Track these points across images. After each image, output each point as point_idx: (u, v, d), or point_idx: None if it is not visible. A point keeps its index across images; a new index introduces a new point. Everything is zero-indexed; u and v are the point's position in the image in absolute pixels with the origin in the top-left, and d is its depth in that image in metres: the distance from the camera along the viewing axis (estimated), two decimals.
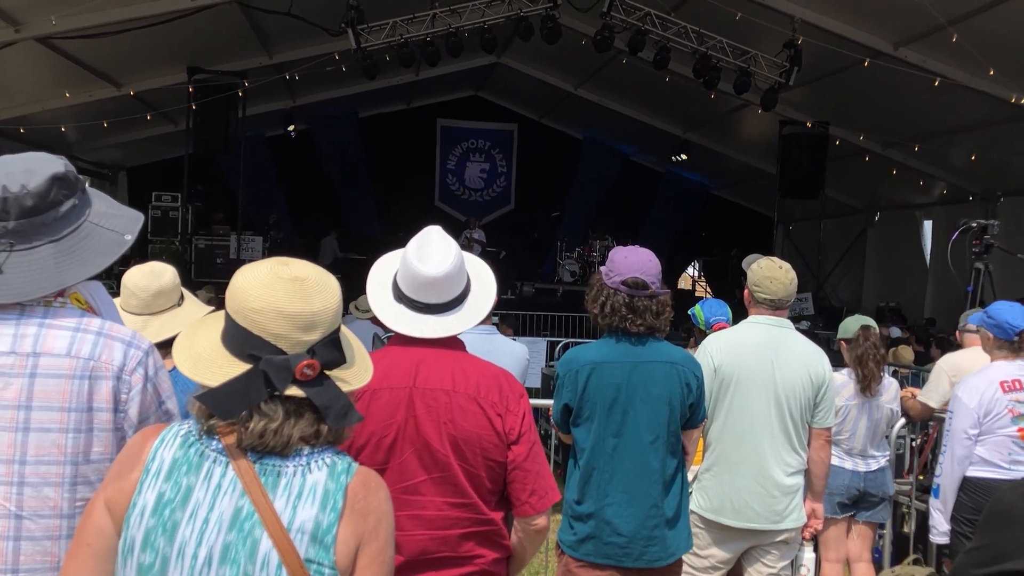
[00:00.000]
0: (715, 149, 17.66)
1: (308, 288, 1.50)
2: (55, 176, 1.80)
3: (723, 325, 4.79)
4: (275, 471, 1.47)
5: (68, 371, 1.77)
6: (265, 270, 1.52)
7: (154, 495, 1.46)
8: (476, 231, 17.05)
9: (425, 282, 2.29)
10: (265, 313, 1.47)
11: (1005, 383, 3.99)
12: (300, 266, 1.55)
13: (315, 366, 1.47)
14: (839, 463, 4.57)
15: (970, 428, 3.99)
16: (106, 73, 11.97)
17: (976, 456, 4.02)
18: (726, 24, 11.03)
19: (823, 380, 3.60)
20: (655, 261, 3.15)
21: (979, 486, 3.99)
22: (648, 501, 3.06)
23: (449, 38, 11.57)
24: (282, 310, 1.48)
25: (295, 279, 1.51)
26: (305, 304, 1.49)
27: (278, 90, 14.85)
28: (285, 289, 1.49)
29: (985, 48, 9.24)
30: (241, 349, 1.49)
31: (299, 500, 1.46)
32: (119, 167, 17.03)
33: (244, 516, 1.44)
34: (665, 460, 3.09)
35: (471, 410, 2.24)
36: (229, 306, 1.52)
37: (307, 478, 1.48)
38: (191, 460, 1.48)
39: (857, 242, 17.57)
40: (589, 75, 15.93)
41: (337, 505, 1.47)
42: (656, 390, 3.07)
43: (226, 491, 1.46)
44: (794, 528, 3.62)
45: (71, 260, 1.80)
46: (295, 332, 1.48)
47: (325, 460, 1.51)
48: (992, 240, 5.19)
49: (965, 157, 12.21)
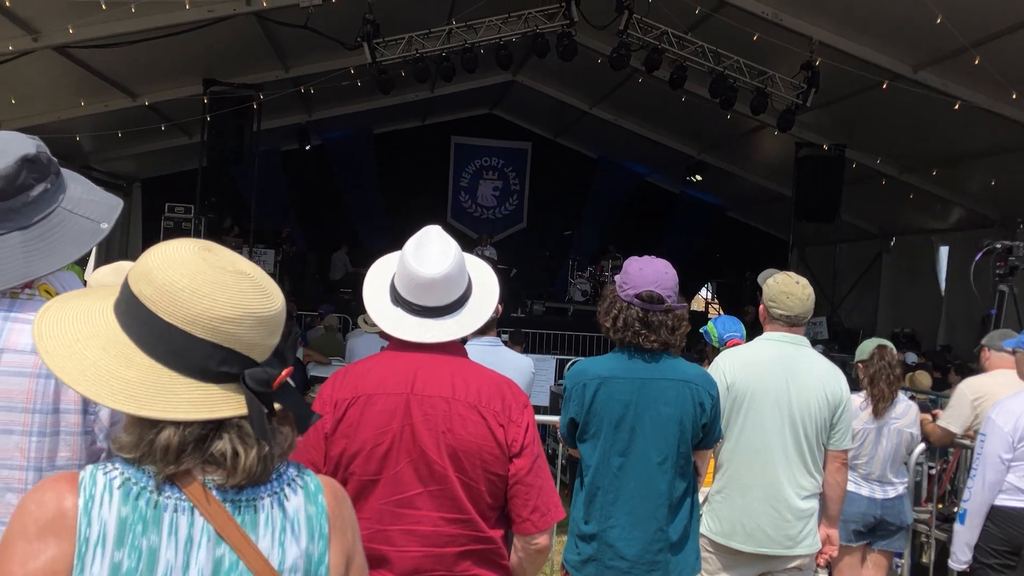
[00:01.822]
0: (730, 170, 17.57)
1: (260, 283, 1.27)
2: (25, 158, 1.68)
3: (737, 341, 4.68)
4: (251, 507, 1.25)
5: (33, 369, 1.64)
6: (201, 263, 1.24)
7: (106, 568, 1.16)
8: (488, 249, 17.01)
9: (423, 284, 2.18)
10: (241, 322, 1.22)
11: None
12: (226, 253, 1.29)
13: (291, 371, 1.27)
14: (855, 489, 4.45)
15: (1004, 452, 3.82)
16: (122, 83, 12.01)
17: (1008, 484, 3.85)
18: (743, 44, 10.97)
19: (840, 400, 3.48)
20: (672, 273, 3.03)
21: (1011, 517, 3.82)
22: (653, 525, 2.94)
23: (465, 54, 11.57)
24: (258, 315, 1.24)
25: (244, 273, 1.26)
26: (270, 303, 1.26)
27: (293, 104, 14.89)
28: (249, 288, 1.25)
29: (1007, 72, 9.14)
30: (201, 366, 1.21)
31: (285, 535, 1.26)
32: (133, 178, 17.09)
33: (227, 567, 1.22)
34: (673, 482, 2.97)
35: (471, 419, 2.12)
36: (169, 313, 1.21)
37: (286, 507, 1.28)
38: (145, 516, 1.20)
39: (872, 267, 17.42)
40: (604, 94, 15.91)
41: (324, 531, 1.30)
42: (667, 409, 2.95)
43: (199, 543, 1.21)
44: (808, 554, 3.49)
45: (40, 249, 1.67)
46: (267, 338, 1.26)
47: (297, 481, 1.31)
48: (1017, 262, 5.07)
49: (984, 182, 12.08)
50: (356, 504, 2.07)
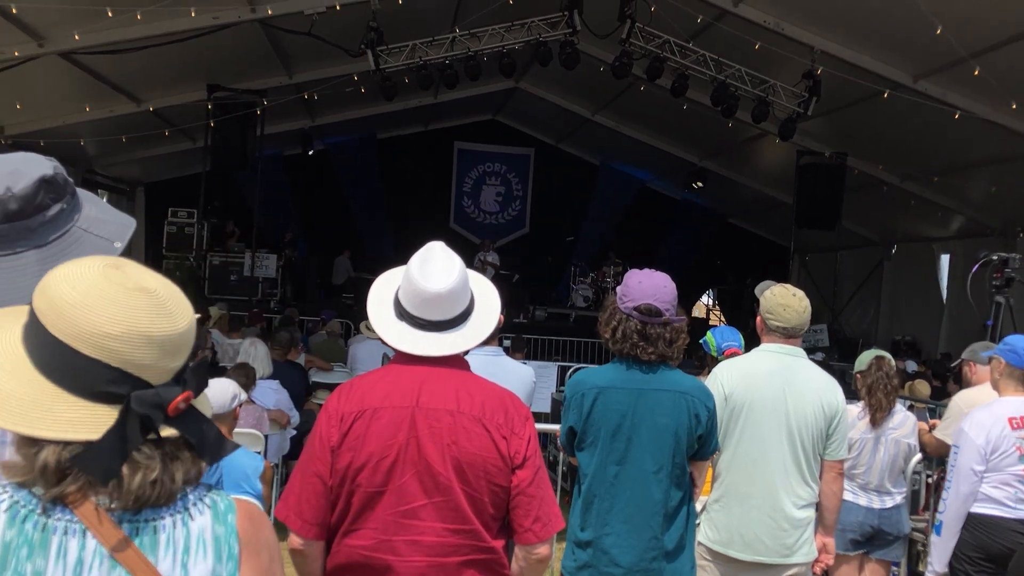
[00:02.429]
0: (732, 178, 17.62)
1: (165, 303, 1.20)
2: (43, 179, 1.73)
3: (735, 351, 4.72)
4: (150, 527, 1.19)
5: None
6: (101, 279, 1.18)
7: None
8: (490, 254, 17.06)
9: (428, 298, 2.23)
10: (127, 340, 1.15)
11: (1013, 420, 3.86)
12: (137, 270, 1.22)
13: (189, 398, 1.19)
14: (853, 499, 4.48)
15: (976, 464, 3.86)
16: (127, 89, 12.08)
17: (981, 493, 3.89)
18: (745, 53, 11.03)
19: (836, 411, 3.52)
20: (671, 286, 3.08)
21: (983, 523, 3.87)
22: (648, 533, 2.98)
23: (468, 61, 11.62)
24: (150, 335, 1.16)
25: (145, 290, 1.19)
26: (170, 324, 1.19)
27: (297, 109, 14.95)
28: (145, 306, 1.17)
29: (1006, 82, 9.19)
30: (88, 385, 1.15)
31: (188, 556, 1.20)
32: (137, 183, 17.16)
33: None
34: (669, 491, 3.01)
35: (475, 432, 2.17)
36: (60, 329, 1.16)
37: (191, 527, 1.21)
38: (31, 539, 1.14)
39: (873, 274, 17.45)
40: (607, 102, 15.96)
41: (233, 551, 1.24)
42: (663, 419, 2.99)
43: (91, 566, 1.15)
44: (804, 563, 3.53)
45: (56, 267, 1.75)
46: (164, 359, 1.18)
47: (204, 501, 1.25)
48: (1013, 274, 5.11)
49: (984, 191, 12.11)
50: (362, 515, 2.12)
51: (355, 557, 2.15)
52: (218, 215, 15.43)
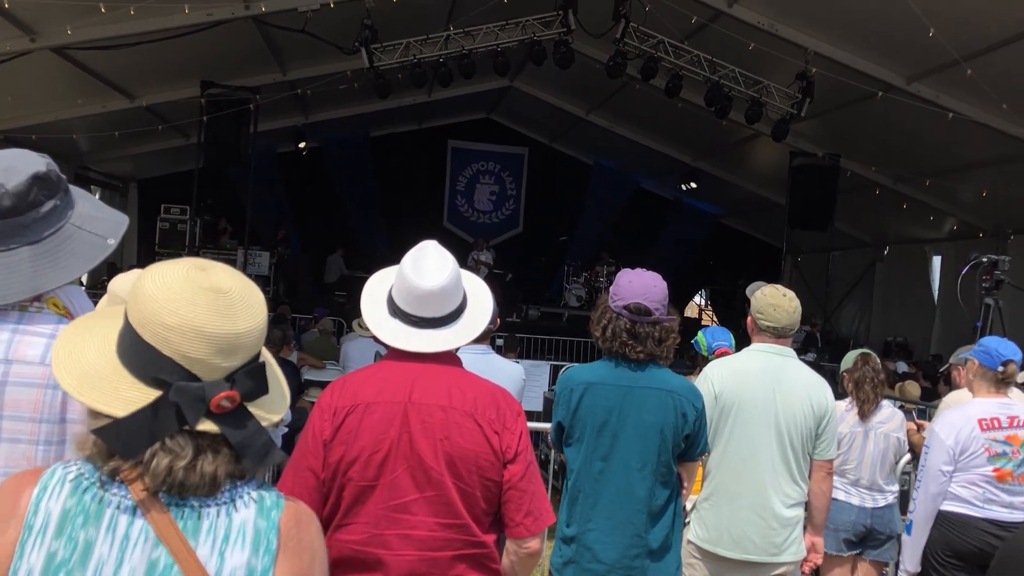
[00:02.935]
0: (725, 178, 17.65)
1: (233, 303, 1.26)
2: (36, 176, 1.73)
3: (725, 350, 4.75)
4: (194, 514, 1.25)
5: (41, 380, 1.68)
6: (180, 276, 1.26)
7: (43, 557, 1.20)
8: (484, 253, 17.06)
9: (421, 295, 2.25)
10: (181, 332, 1.22)
11: (983, 421, 3.87)
12: (221, 273, 1.29)
13: (234, 398, 1.23)
14: (845, 498, 4.50)
15: (945, 465, 3.88)
16: (120, 85, 12.05)
17: (950, 492, 3.91)
18: (739, 54, 11.06)
19: (825, 410, 3.54)
20: (661, 286, 3.09)
21: (951, 521, 3.89)
22: (631, 530, 2.99)
23: (462, 60, 11.62)
24: (203, 330, 1.22)
25: (217, 291, 1.25)
26: (229, 324, 1.24)
27: (290, 107, 14.93)
28: (206, 304, 1.24)
29: (999, 85, 9.23)
30: (145, 370, 1.24)
31: (227, 545, 1.25)
32: (130, 179, 17.12)
33: (161, 570, 1.22)
34: (653, 489, 3.02)
35: (467, 427, 2.19)
36: (133, 316, 1.26)
37: (233, 518, 1.27)
38: (88, 509, 1.23)
39: (865, 276, 17.51)
40: (601, 101, 15.98)
41: (271, 546, 1.27)
42: (649, 417, 3.00)
43: (136, 542, 1.22)
44: (793, 561, 3.55)
45: (49, 264, 1.73)
46: (215, 357, 1.23)
47: (251, 495, 1.29)
48: (1003, 276, 5.13)
49: (976, 193, 12.16)
50: (353, 509, 2.13)
51: (346, 551, 2.16)
52: (211, 212, 15.39)
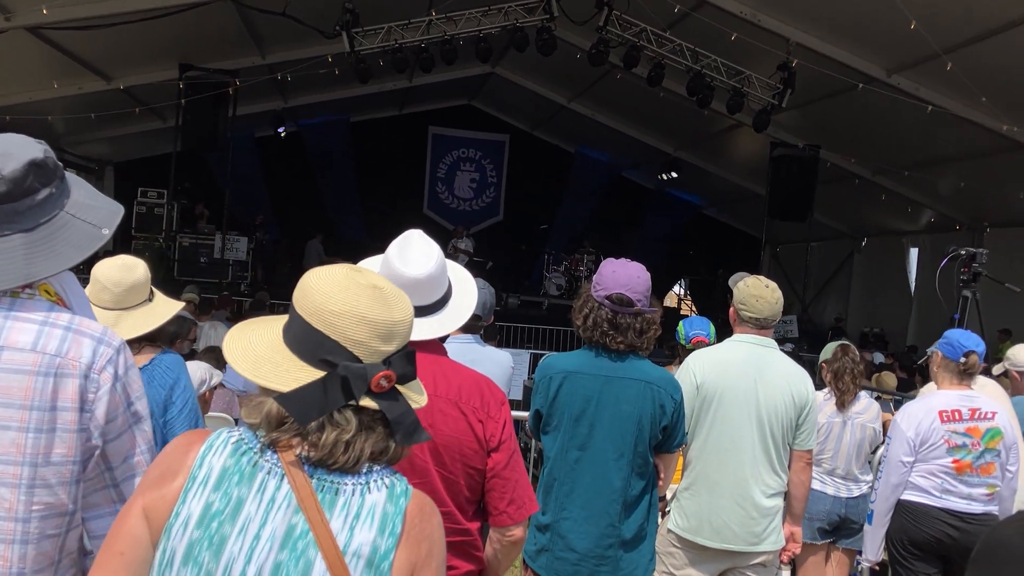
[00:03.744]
0: (706, 168, 17.70)
1: (388, 297, 1.44)
2: (32, 162, 1.70)
3: (701, 339, 4.78)
4: (333, 488, 1.38)
5: (32, 367, 1.66)
6: (342, 274, 1.45)
7: (201, 505, 1.35)
8: (463, 240, 17.00)
9: (407, 284, 2.22)
10: (347, 317, 1.39)
11: (944, 413, 3.90)
12: (373, 275, 1.47)
13: (391, 377, 1.38)
14: (821, 488, 4.53)
15: (904, 456, 3.92)
16: (96, 66, 11.88)
17: (909, 482, 3.95)
18: (721, 44, 11.06)
19: (806, 401, 3.54)
20: (644, 277, 3.08)
21: (908, 509, 3.93)
22: (605, 520, 2.98)
23: (444, 45, 11.56)
24: (365, 316, 1.40)
25: (374, 287, 1.43)
26: (387, 312, 1.42)
27: (270, 91, 14.80)
28: (368, 296, 1.41)
29: (978, 78, 9.29)
30: (313, 353, 1.40)
31: (357, 521, 1.36)
32: (106, 162, 16.91)
33: (298, 535, 1.34)
34: (629, 479, 3.01)
35: (452, 415, 2.18)
36: (301, 307, 1.43)
37: (366, 498, 1.39)
38: (243, 470, 1.38)
39: (843, 266, 17.64)
40: (583, 89, 15.95)
41: (395, 530, 1.37)
42: (627, 407, 2.99)
43: (280, 506, 1.36)
44: (772, 551, 3.56)
45: (42, 252, 1.70)
46: (374, 341, 1.40)
47: (384, 480, 1.42)
48: (980, 268, 5.17)
49: (954, 186, 12.27)
50: None
51: None
52: (188, 196, 15.25)
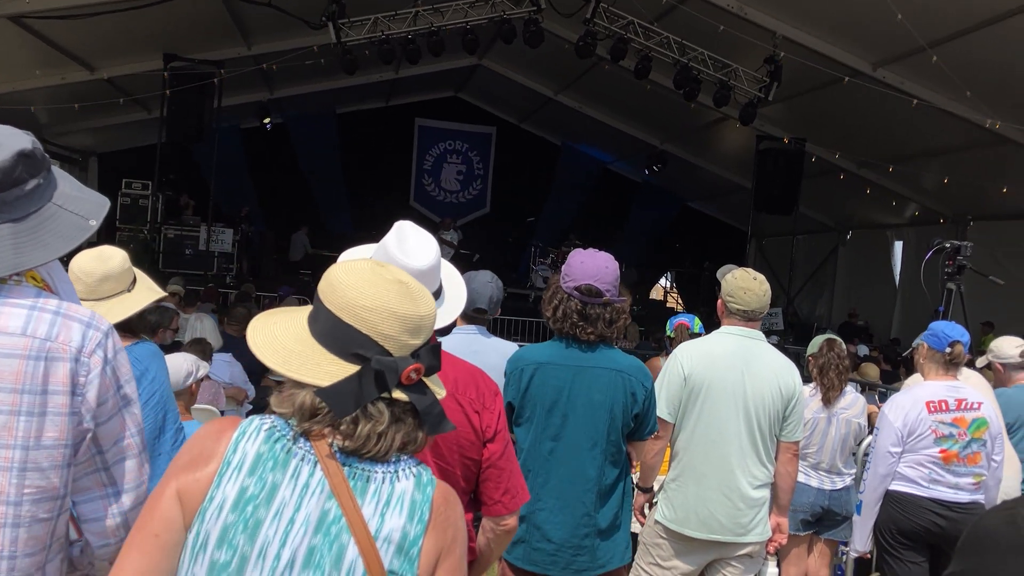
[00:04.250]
0: (692, 161, 17.73)
1: (413, 292, 1.47)
2: (21, 153, 1.70)
3: (683, 323, 4.85)
4: (364, 476, 1.42)
5: (23, 351, 1.67)
6: (367, 269, 1.48)
7: (236, 489, 1.38)
8: (450, 232, 16.97)
9: (413, 275, 2.20)
10: (378, 312, 1.42)
11: (931, 403, 3.95)
12: (396, 270, 1.51)
13: (421, 370, 1.42)
14: (805, 480, 4.56)
15: (892, 447, 3.96)
16: (80, 56, 11.77)
17: (898, 472, 3.99)
18: (708, 37, 11.07)
19: (793, 393, 3.56)
20: (613, 267, 3.07)
21: (896, 500, 3.97)
22: (580, 509, 2.99)
23: (431, 37, 11.52)
24: (395, 311, 1.43)
25: (400, 282, 1.47)
26: (415, 307, 1.45)
27: (255, 81, 14.70)
28: (396, 291, 1.45)
29: (963, 72, 9.33)
30: (344, 347, 1.43)
31: (387, 508, 1.41)
32: (90, 152, 16.77)
33: (331, 520, 1.38)
34: (603, 468, 3.02)
35: (448, 407, 2.13)
36: (330, 301, 1.46)
37: (395, 486, 1.43)
38: (277, 456, 1.41)
39: (828, 259, 17.72)
40: (570, 81, 15.94)
41: (424, 517, 1.42)
42: (598, 396, 3.01)
43: (314, 492, 1.40)
44: (758, 542, 3.58)
45: (30, 242, 1.71)
46: (404, 335, 1.44)
47: (411, 470, 1.46)
48: (965, 261, 5.21)
49: (938, 180, 12.33)
50: None
51: None
52: (173, 188, 15.15)
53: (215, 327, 6.92)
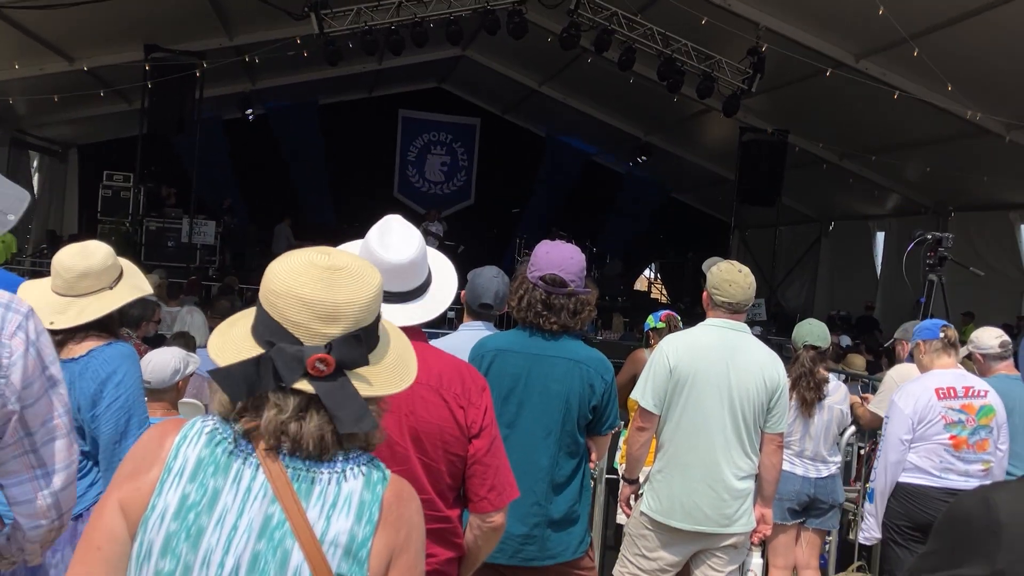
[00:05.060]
0: (675, 153, 17.77)
1: (338, 278, 1.39)
2: None
3: (670, 313, 4.85)
4: (309, 477, 1.37)
5: None
6: (302, 257, 1.42)
7: (177, 497, 1.35)
8: (434, 224, 16.93)
9: (389, 270, 2.20)
10: (284, 298, 1.37)
11: (940, 390, 4.00)
12: (340, 256, 1.43)
13: (328, 361, 1.34)
14: (790, 468, 4.59)
15: (904, 434, 4.01)
16: (59, 47, 11.64)
17: (908, 463, 4.04)
18: (692, 28, 11.08)
19: (777, 385, 3.58)
20: (578, 258, 3.06)
21: (909, 492, 4.01)
22: (530, 498, 2.95)
23: (414, 28, 11.47)
24: (302, 297, 1.37)
25: (327, 268, 1.39)
26: (328, 294, 1.37)
27: (237, 73, 14.60)
28: (312, 276, 1.38)
29: (944, 64, 9.39)
30: (261, 335, 1.39)
31: (333, 510, 1.36)
32: (70, 144, 16.62)
33: (275, 525, 1.34)
34: (557, 459, 3.00)
35: (433, 402, 2.17)
36: (260, 290, 1.44)
37: (342, 487, 1.38)
38: (218, 460, 1.37)
39: (811, 250, 17.82)
40: (554, 73, 15.92)
41: (373, 517, 1.37)
42: (555, 386, 2.99)
43: (256, 496, 1.35)
44: (743, 532, 3.61)
45: None
46: (314, 322, 1.37)
47: (361, 468, 1.41)
48: (946, 252, 5.26)
49: (919, 171, 12.43)
50: None
51: None
52: (155, 179, 15.03)
53: (205, 323, 6.89)
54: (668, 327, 5.09)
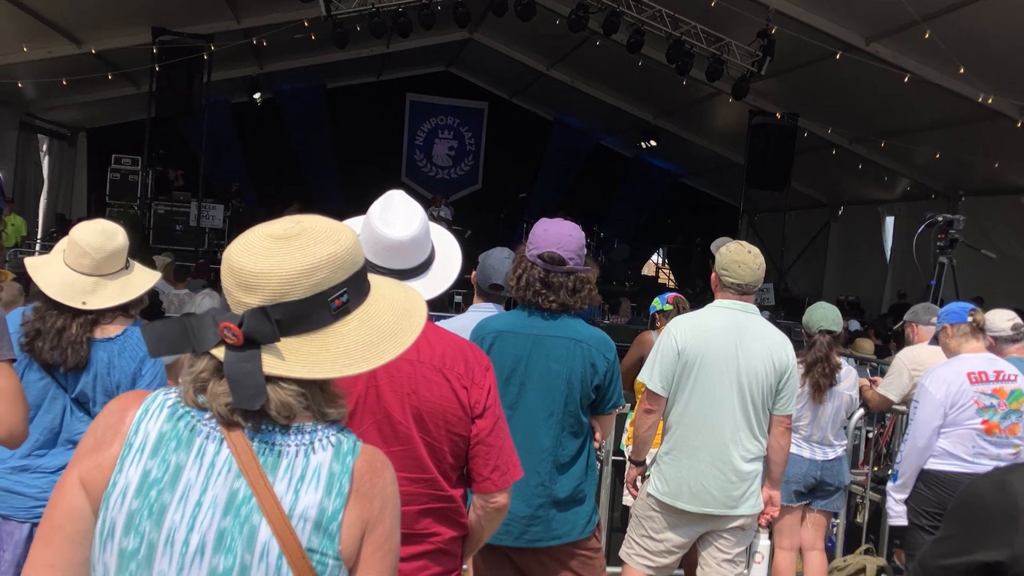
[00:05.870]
0: (684, 136, 17.68)
1: (272, 248, 1.32)
2: None
3: (676, 295, 4.91)
4: (275, 451, 1.32)
5: None
6: (264, 225, 1.37)
7: (138, 473, 1.30)
8: (442, 209, 16.91)
9: (391, 246, 2.19)
10: (223, 264, 1.35)
11: (972, 374, 3.97)
12: (293, 224, 1.35)
13: (234, 332, 1.28)
14: (797, 451, 4.58)
15: (935, 420, 3.97)
16: (67, 29, 11.63)
17: (939, 448, 4.00)
18: (701, 10, 11.01)
19: (786, 367, 3.57)
20: (577, 235, 3.03)
21: (941, 479, 3.98)
22: (534, 479, 2.95)
23: (422, 9, 11.43)
24: (230, 264, 1.33)
25: (269, 236, 1.33)
26: (250, 261, 1.31)
27: (245, 56, 14.57)
28: (247, 243, 1.33)
29: (955, 46, 9.31)
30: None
31: (301, 483, 1.31)
32: (78, 128, 16.63)
33: (240, 500, 1.30)
34: (560, 439, 2.99)
35: (436, 381, 2.15)
36: None
37: (310, 459, 1.33)
38: (180, 435, 1.32)
39: (820, 235, 17.74)
40: (562, 56, 15.84)
41: (343, 489, 1.32)
42: (556, 366, 2.97)
43: (220, 471, 1.31)
44: (750, 514, 3.61)
45: None
46: (236, 290, 1.32)
47: (330, 439, 1.36)
48: (957, 235, 5.22)
49: (929, 155, 12.34)
50: None
51: None
52: (163, 163, 15.05)
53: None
54: (676, 309, 5.07)
